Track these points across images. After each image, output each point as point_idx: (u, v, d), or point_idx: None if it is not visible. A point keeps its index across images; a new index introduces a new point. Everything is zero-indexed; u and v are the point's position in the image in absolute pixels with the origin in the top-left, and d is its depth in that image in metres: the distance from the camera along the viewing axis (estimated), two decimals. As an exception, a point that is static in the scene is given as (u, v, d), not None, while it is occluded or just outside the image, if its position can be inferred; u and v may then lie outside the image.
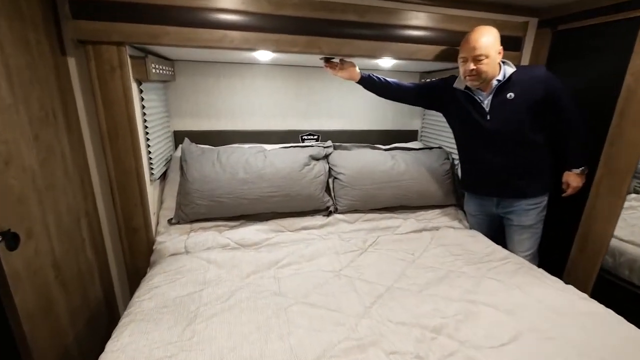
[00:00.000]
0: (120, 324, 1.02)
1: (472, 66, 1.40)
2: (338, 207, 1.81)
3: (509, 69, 1.46)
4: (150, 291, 1.17)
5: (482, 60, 1.39)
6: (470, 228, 1.82)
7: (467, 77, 1.45)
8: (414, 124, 2.47)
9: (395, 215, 1.86)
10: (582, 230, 1.67)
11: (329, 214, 1.80)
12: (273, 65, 2.05)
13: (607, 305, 1.13)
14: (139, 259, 1.56)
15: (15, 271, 1.00)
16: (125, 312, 1.08)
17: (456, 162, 2.04)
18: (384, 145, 2.20)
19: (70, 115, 1.38)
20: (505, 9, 1.68)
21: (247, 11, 1.38)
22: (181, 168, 1.72)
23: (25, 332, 1.03)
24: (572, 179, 1.55)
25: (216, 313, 1.05)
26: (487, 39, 1.38)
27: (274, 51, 1.51)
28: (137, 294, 1.18)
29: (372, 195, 1.82)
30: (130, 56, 1.39)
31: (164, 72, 1.69)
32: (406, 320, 1.04)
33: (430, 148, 2.12)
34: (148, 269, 1.47)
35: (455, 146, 1.85)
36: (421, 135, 2.48)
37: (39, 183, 1.15)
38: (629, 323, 1.05)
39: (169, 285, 1.20)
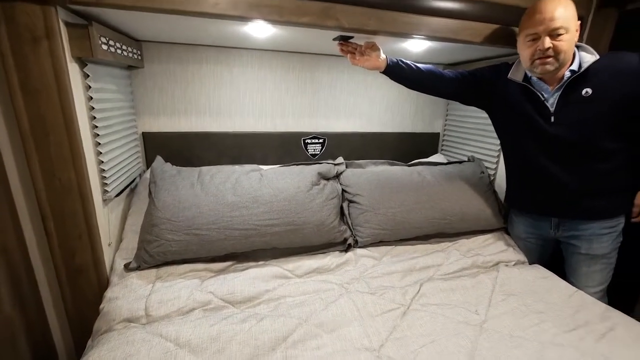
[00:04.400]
0: None
1: (548, 43, 1.04)
2: (358, 239, 1.37)
3: (588, 57, 1.10)
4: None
5: (562, 34, 1.03)
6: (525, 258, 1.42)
7: (538, 61, 1.08)
8: (436, 126, 2.09)
9: (432, 246, 1.44)
10: None
11: (348, 248, 1.35)
12: (269, 51, 1.62)
13: None
14: (86, 310, 1.10)
15: None
16: None
17: (493, 175, 1.67)
18: (403, 156, 1.89)
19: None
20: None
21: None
22: (150, 193, 1.24)
23: None
24: None
25: None
26: (565, 9, 1.03)
27: (274, 23, 1.06)
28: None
29: (401, 221, 1.39)
30: (65, 22, 0.92)
31: (126, 53, 1.21)
32: None
33: (460, 162, 1.72)
34: (89, 341, 0.99)
35: (487, 154, 1.56)
36: (443, 140, 2.09)
37: None
38: None
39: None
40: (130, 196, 1.42)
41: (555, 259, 1.41)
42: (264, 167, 1.46)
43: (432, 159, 1.95)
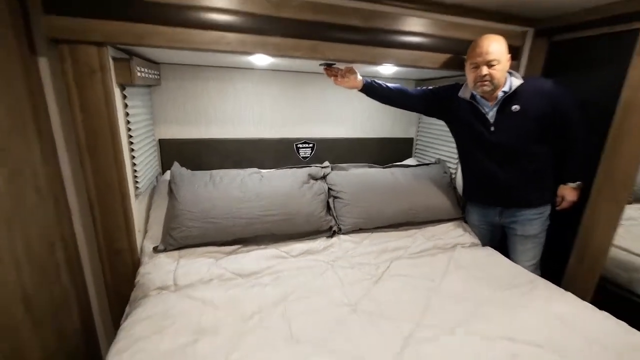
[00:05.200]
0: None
1: (485, 71, 1.34)
2: (341, 227, 1.66)
3: (516, 81, 1.41)
4: (132, 345, 0.95)
5: (494, 65, 1.34)
6: (479, 241, 1.73)
7: (479, 83, 1.38)
8: (410, 132, 2.40)
9: (402, 233, 1.73)
10: (580, 239, 1.61)
11: (333, 234, 1.65)
12: (267, 70, 1.90)
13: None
14: (122, 285, 1.36)
15: None
16: None
17: (453, 173, 1.98)
18: (382, 158, 2.22)
19: (42, 123, 1.15)
20: (504, 18, 1.64)
21: (245, 12, 1.23)
22: (170, 191, 1.52)
23: None
24: (568, 192, 1.53)
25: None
26: (498, 45, 1.35)
27: (274, 56, 1.36)
28: (114, 348, 0.95)
29: (376, 212, 1.69)
30: (113, 58, 1.19)
31: (150, 75, 1.48)
32: (446, 369, 0.90)
33: (428, 164, 2.06)
34: (127, 308, 1.26)
35: (451, 155, 1.83)
36: (416, 143, 2.40)
37: (5, 204, 0.94)
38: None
39: (155, 337, 0.98)
40: (151, 194, 1.68)
41: (503, 242, 1.73)
42: (263, 171, 1.74)
43: (406, 162, 2.26)
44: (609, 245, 1.51)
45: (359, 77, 1.53)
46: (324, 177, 1.80)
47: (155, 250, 1.39)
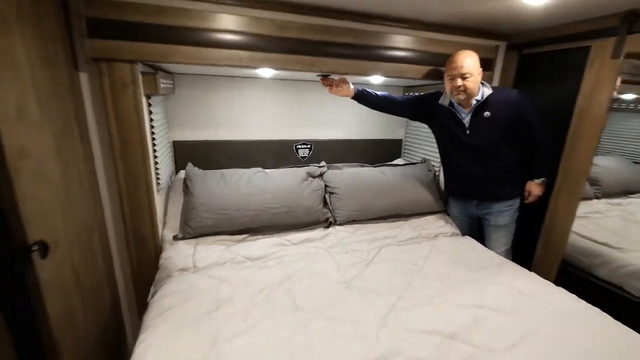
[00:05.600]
0: (137, 350, 0.99)
1: (460, 82, 1.55)
2: (337, 219, 1.87)
3: (487, 90, 1.62)
4: (163, 313, 1.15)
5: (468, 77, 1.55)
6: (460, 232, 1.95)
7: (455, 92, 1.59)
8: (399, 134, 2.61)
9: (391, 224, 1.94)
10: (545, 228, 1.84)
11: (329, 225, 1.85)
12: (270, 79, 2.09)
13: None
14: (146, 268, 1.58)
15: (46, 279, 1.00)
16: (140, 338, 1.05)
17: (437, 171, 2.20)
18: (374, 157, 2.44)
19: (82, 128, 1.36)
20: (479, 34, 1.85)
21: (255, 33, 1.44)
22: (186, 187, 1.73)
23: (55, 338, 1.02)
24: (534, 188, 1.75)
25: (237, 334, 1.06)
26: (471, 60, 1.55)
27: (278, 69, 1.57)
28: (148, 316, 1.15)
29: (368, 205, 1.90)
30: (142, 72, 1.39)
31: (167, 85, 1.68)
32: (423, 328, 1.11)
33: (414, 163, 2.28)
34: (152, 288, 1.46)
35: (435, 155, 2.01)
36: (405, 144, 2.62)
37: (61, 195, 1.14)
38: (611, 318, 1.19)
39: (183, 306, 1.19)
40: (168, 191, 1.87)
41: (480, 232, 1.95)
42: (267, 170, 1.94)
43: (395, 162, 2.48)
44: (568, 232, 1.74)
45: (352, 87, 1.74)
46: (320, 175, 2.01)
47: (175, 238, 1.59)
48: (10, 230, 0.90)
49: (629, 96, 2.27)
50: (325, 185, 1.97)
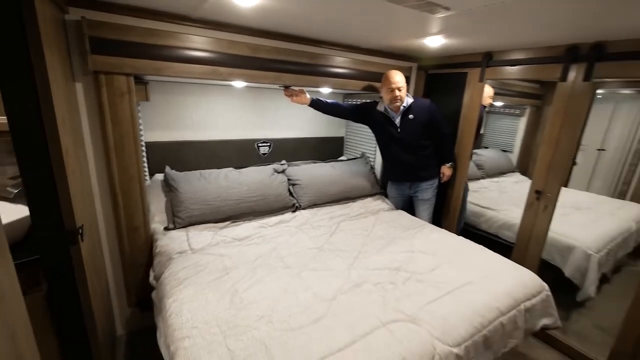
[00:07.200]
0: (172, 308, 1.26)
1: (397, 93, 2.11)
2: (301, 204, 2.28)
3: (410, 99, 2.22)
4: (182, 282, 1.42)
5: (401, 89, 2.11)
6: (395, 207, 2.54)
7: (393, 101, 2.14)
8: (341, 132, 3.13)
9: (343, 205, 2.43)
10: (447, 198, 2.54)
11: (295, 209, 2.26)
12: (233, 85, 2.38)
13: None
14: (138, 254, 1.79)
15: (86, 257, 1.21)
16: (169, 302, 1.29)
17: (372, 163, 2.77)
18: (322, 152, 2.92)
19: (78, 131, 1.50)
20: (399, 57, 2.47)
21: (232, 53, 1.76)
22: (169, 187, 1.96)
23: (93, 309, 1.23)
24: (445, 170, 2.40)
25: (250, 286, 1.41)
26: (401, 77, 2.13)
27: (250, 82, 1.91)
28: (166, 287, 1.39)
29: (324, 192, 2.36)
30: (135, 83, 1.59)
31: (147, 93, 1.87)
32: (377, 266, 1.61)
33: (355, 158, 2.83)
34: (151, 271, 1.67)
35: (370, 150, 2.57)
36: (346, 141, 3.15)
37: (80, 189, 1.32)
38: (485, 248, 1.86)
39: (197, 276, 1.47)
40: (148, 190, 2.03)
41: (411, 207, 2.54)
42: (241, 170, 2.23)
43: (340, 158, 2.98)
44: (459, 198, 2.45)
45: (308, 96, 2.17)
46: (283, 172, 2.39)
47: (167, 229, 1.81)
48: (63, 215, 1.10)
49: (499, 103, 3.19)
50: (288, 179, 2.35)
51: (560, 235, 2.16)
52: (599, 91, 1.72)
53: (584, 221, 2.41)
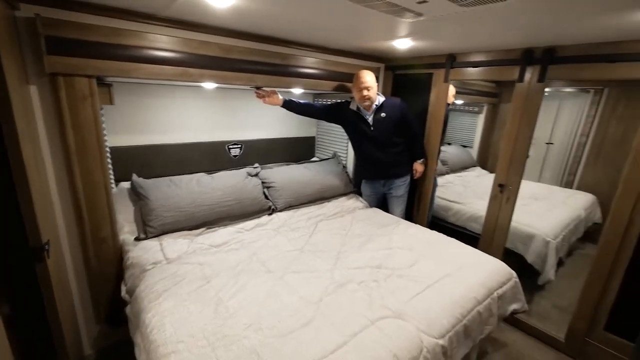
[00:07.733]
0: (152, 322, 1.20)
1: (365, 93, 2.15)
2: (277, 206, 2.26)
3: (381, 98, 2.28)
4: (161, 295, 1.35)
5: (370, 89, 2.16)
6: (369, 205, 2.60)
7: (362, 100, 2.19)
8: (312, 132, 3.14)
9: (319, 205, 2.45)
10: (418, 192, 2.65)
11: (272, 212, 2.23)
12: (202, 86, 2.30)
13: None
14: (106, 266, 1.68)
15: (53, 275, 1.12)
16: (148, 316, 1.23)
17: (344, 163, 2.81)
18: (293, 153, 2.92)
19: (35, 136, 1.37)
20: (367, 58, 2.54)
21: (204, 54, 1.70)
22: (137, 195, 1.85)
23: (64, 331, 1.14)
24: (418, 167, 2.49)
25: (234, 294, 1.37)
26: (371, 77, 2.17)
27: (222, 84, 1.86)
28: (144, 301, 1.32)
29: (299, 193, 2.36)
30: (98, 85, 1.48)
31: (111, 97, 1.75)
32: (359, 265, 1.64)
33: (327, 159, 2.86)
34: (122, 285, 1.58)
35: (342, 146, 2.62)
36: (317, 140, 3.17)
37: (42, 201, 1.21)
38: (457, 241, 1.97)
39: (176, 287, 1.40)
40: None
41: (385, 206, 2.61)
42: (213, 174, 2.16)
43: (313, 159, 2.99)
44: (429, 193, 2.56)
45: (280, 97, 2.15)
46: (256, 175, 2.35)
47: (137, 239, 1.71)
48: (27, 232, 1.01)
49: (459, 101, 3.37)
50: (262, 182, 2.32)
51: (521, 225, 2.34)
52: (546, 89, 1.90)
53: (541, 211, 2.63)
